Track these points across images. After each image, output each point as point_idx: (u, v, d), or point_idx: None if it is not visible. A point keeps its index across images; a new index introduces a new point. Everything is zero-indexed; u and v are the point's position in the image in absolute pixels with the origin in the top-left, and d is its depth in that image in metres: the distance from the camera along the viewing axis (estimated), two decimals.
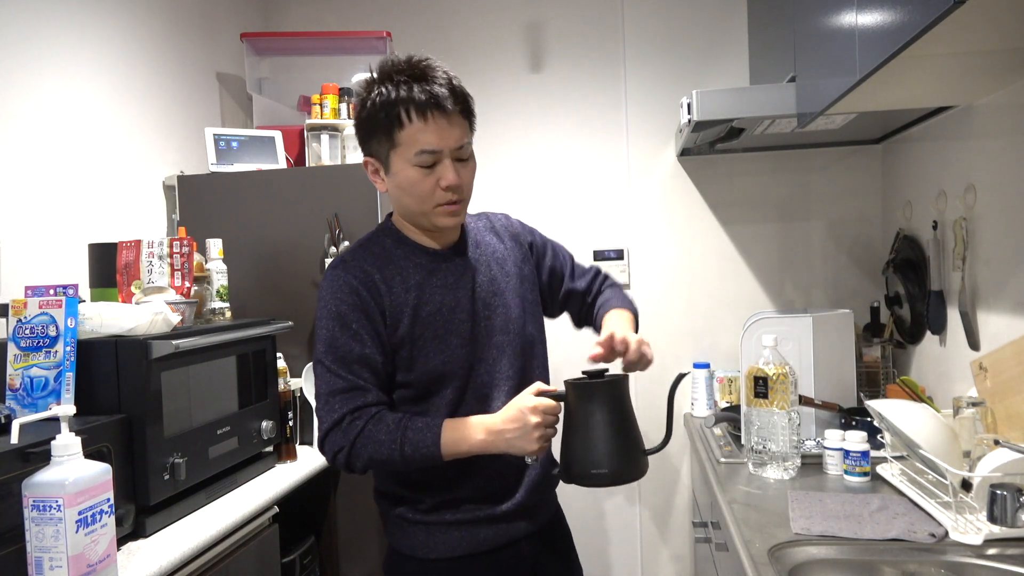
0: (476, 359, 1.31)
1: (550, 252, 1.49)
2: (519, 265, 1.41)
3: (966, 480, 1.40)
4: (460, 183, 1.25)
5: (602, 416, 1.17)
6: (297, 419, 2.10)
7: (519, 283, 1.39)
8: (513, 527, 1.34)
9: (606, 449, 1.16)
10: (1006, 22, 1.09)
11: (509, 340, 1.34)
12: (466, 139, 1.26)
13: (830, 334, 2.06)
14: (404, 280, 1.28)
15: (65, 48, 1.89)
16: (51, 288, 1.51)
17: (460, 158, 1.25)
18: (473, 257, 1.36)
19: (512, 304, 1.36)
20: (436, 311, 1.28)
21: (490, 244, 1.40)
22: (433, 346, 1.27)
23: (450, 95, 1.21)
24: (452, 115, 1.22)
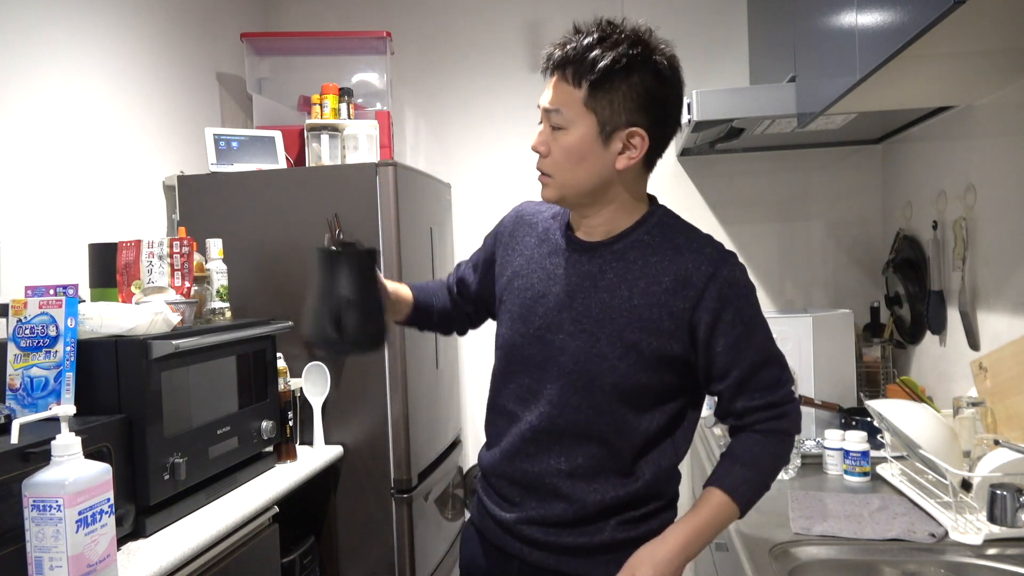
0: (530, 359, 1.21)
1: (727, 340, 1.14)
2: (655, 309, 1.14)
3: (966, 480, 1.40)
4: (538, 149, 1.17)
5: (322, 285, 1.23)
6: (297, 419, 2.10)
7: (636, 328, 1.14)
8: (509, 539, 1.24)
9: (315, 316, 1.21)
10: (1006, 22, 1.09)
11: (575, 371, 1.17)
12: (559, 102, 1.13)
13: (830, 334, 2.06)
14: (528, 240, 1.27)
15: (65, 48, 1.89)
16: (51, 288, 1.51)
17: (552, 124, 1.15)
18: (603, 264, 1.18)
19: (604, 340, 1.15)
20: (524, 288, 1.23)
21: (640, 263, 1.17)
22: (505, 317, 1.25)
23: (564, 53, 1.12)
24: (558, 72, 1.14)
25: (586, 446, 1.18)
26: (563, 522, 1.19)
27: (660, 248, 1.17)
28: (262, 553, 1.69)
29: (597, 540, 1.18)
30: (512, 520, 1.23)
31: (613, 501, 1.18)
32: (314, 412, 2.12)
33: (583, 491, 1.18)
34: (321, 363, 2.14)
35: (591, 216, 1.20)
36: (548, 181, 1.17)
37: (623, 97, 1.12)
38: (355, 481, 2.16)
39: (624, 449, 1.18)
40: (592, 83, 1.11)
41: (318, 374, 2.14)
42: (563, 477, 1.19)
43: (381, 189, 2.14)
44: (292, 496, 1.84)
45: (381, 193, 2.14)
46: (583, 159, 1.14)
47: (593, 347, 1.15)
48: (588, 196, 1.18)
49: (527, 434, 1.21)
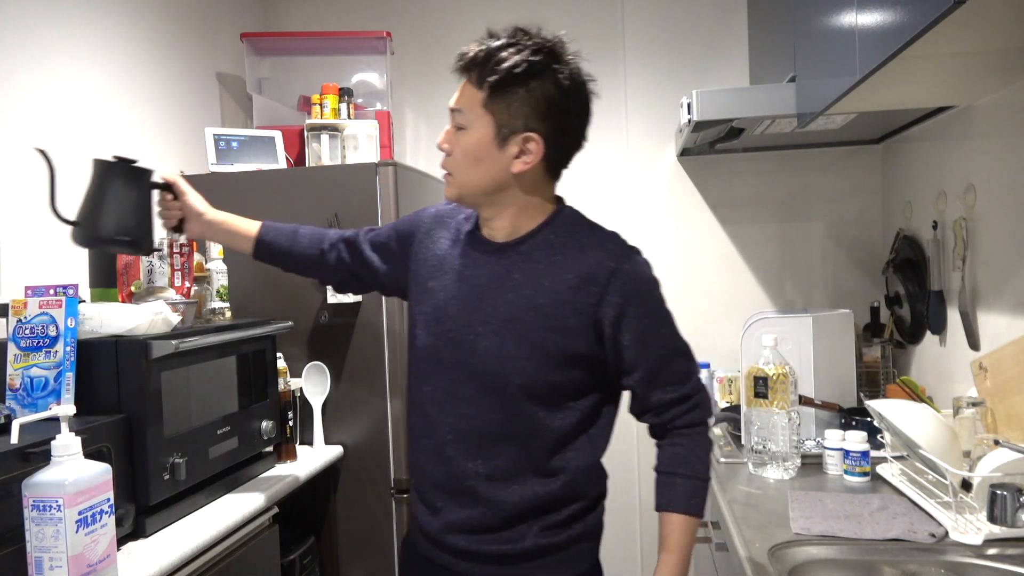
0: (444, 360, 1.22)
1: (632, 334, 1.17)
2: (560, 308, 1.16)
3: (966, 480, 1.40)
4: (442, 147, 1.19)
5: (94, 187, 1.42)
6: (297, 419, 2.10)
7: (543, 327, 1.16)
8: (436, 551, 1.24)
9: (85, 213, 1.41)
10: (1006, 22, 1.09)
11: (485, 373, 1.18)
12: (462, 103, 1.17)
13: (830, 334, 2.06)
14: (442, 243, 1.29)
15: (65, 48, 1.89)
16: (51, 288, 1.50)
17: (456, 124, 1.18)
18: (509, 265, 1.20)
19: (511, 340, 1.16)
20: (436, 290, 1.25)
21: (545, 263, 1.18)
22: (420, 320, 1.26)
23: (470, 56, 1.17)
24: (463, 73, 1.17)
25: (502, 447, 1.18)
26: (485, 527, 1.20)
27: (565, 247, 1.19)
28: (262, 553, 1.69)
29: (520, 548, 1.19)
30: (436, 529, 1.23)
31: (533, 502, 1.18)
32: (314, 412, 2.12)
33: (502, 493, 1.19)
34: (321, 363, 2.14)
35: (492, 218, 1.22)
36: (449, 180, 1.20)
37: (520, 102, 1.13)
38: (355, 481, 2.16)
39: (539, 449, 1.18)
40: (492, 86, 1.13)
41: (318, 374, 2.14)
42: (481, 480, 1.19)
43: (381, 189, 2.14)
44: (292, 496, 1.84)
45: (381, 193, 2.14)
46: (480, 160, 1.16)
47: (501, 348, 1.16)
48: (485, 197, 1.19)
49: (446, 436, 1.21)
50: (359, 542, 2.17)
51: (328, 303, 2.10)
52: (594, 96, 1.22)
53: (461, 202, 1.23)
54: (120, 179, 1.42)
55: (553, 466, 1.19)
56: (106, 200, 1.40)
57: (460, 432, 1.20)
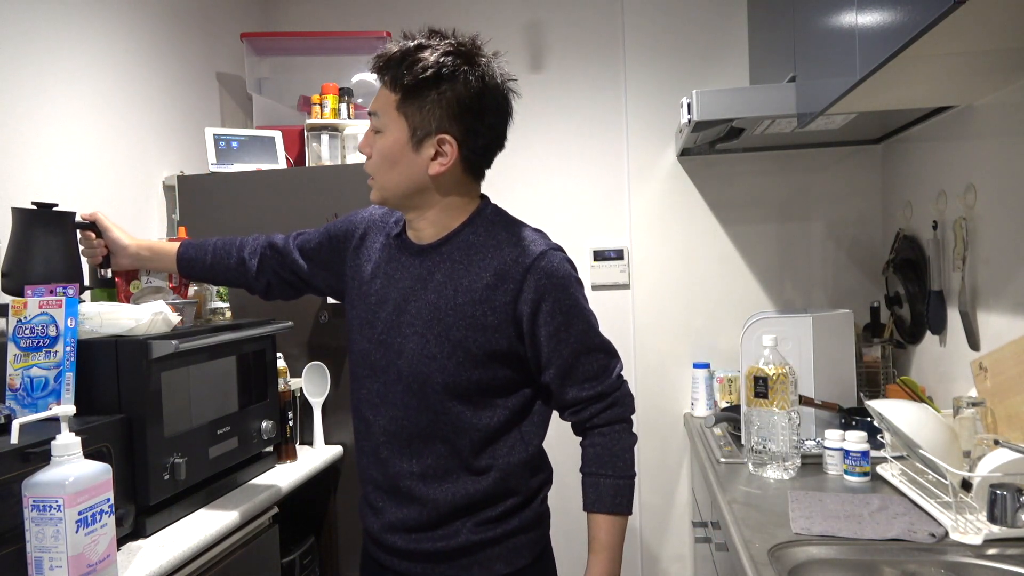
0: (375, 364, 1.24)
1: (547, 330, 1.18)
2: (478, 306, 1.17)
3: (966, 480, 1.40)
4: (360, 149, 1.22)
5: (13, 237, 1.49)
6: (297, 419, 2.10)
7: (463, 325, 1.17)
8: (380, 552, 1.27)
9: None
10: (1006, 22, 1.09)
11: (410, 373, 1.19)
12: (376, 107, 1.18)
13: (830, 334, 2.06)
14: (374, 248, 1.31)
15: (65, 48, 1.89)
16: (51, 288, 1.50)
17: (373, 128, 1.20)
18: (430, 268, 1.21)
19: (432, 340, 1.18)
20: (369, 294, 1.27)
21: (465, 263, 1.19)
22: (355, 324, 1.29)
23: (382, 59, 1.17)
24: (379, 77, 1.18)
25: (432, 446, 1.21)
26: (420, 526, 1.22)
27: (484, 246, 1.20)
28: (262, 553, 1.69)
29: (454, 544, 1.21)
30: (377, 529, 1.27)
31: (464, 500, 1.20)
32: (314, 412, 2.12)
33: (435, 491, 1.21)
34: (321, 363, 2.14)
35: (415, 219, 1.24)
36: (372, 183, 1.22)
37: (432, 104, 1.14)
38: (355, 481, 2.16)
39: (467, 447, 1.20)
40: (404, 88, 1.14)
41: (318, 374, 2.14)
42: (415, 479, 1.22)
43: None
44: (292, 496, 1.84)
45: None
46: (396, 163, 1.17)
47: (424, 348, 1.18)
48: (406, 199, 1.21)
49: (380, 438, 1.24)
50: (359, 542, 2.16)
51: (328, 303, 2.10)
52: (514, 95, 1.23)
53: (385, 204, 1.25)
54: (42, 225, 1.50)
55: (483, 464, 1.21)
56: (32, 247, 1.48)
57: (391, 433, 1.23)
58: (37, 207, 1.50)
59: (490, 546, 1.22)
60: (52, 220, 1.52)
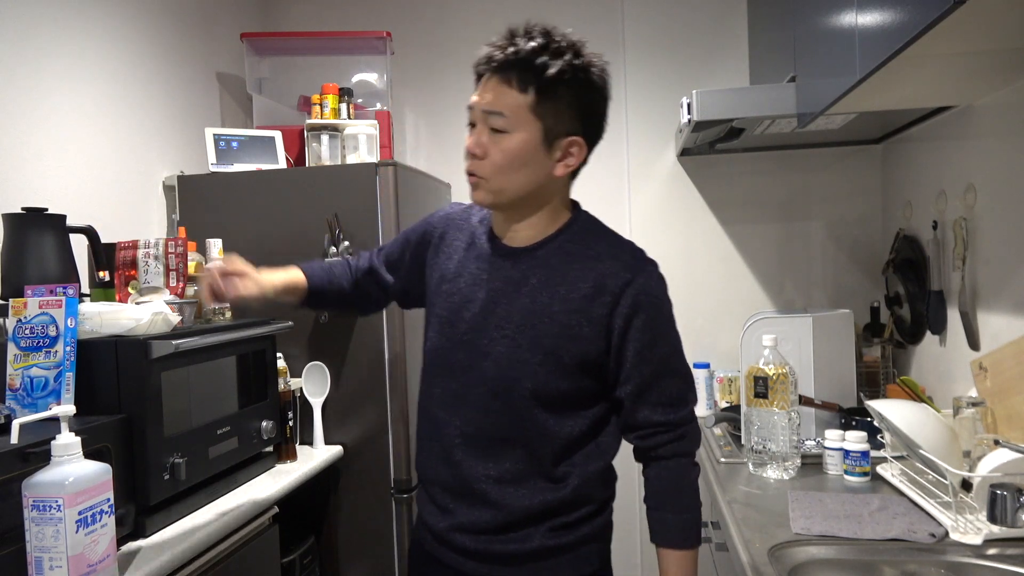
0: (456, 364, 1.21)
1: (634, 346, 1.16)
2: (573, 315, 1.15)
3: (966, 480, 1.40)
4: (474, 151, 1.14)
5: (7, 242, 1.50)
6: (297, 419, 2.10)
7: (555, 334, 1.15)
8: (444, 550, 1.24)
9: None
10: (1006, 22, 1.09)
11: (497, 377, 1.17)
12: (501, 104, 1.11)
13: (830, 334, 2.06)
14: (457, 246, 1.28)
15: (65, 48, 1.89)
16: (51, 288, 1.50)
17: (491, 127, 1.13)
18: (526, 270, 1.19)
19: (525, 346, 1.15)
20: (452, 292, 1.24)
21: (562, 270, 1.17)
22: (434, 322, 1.26)
23: (508, 57, 1.12)
24: (499, 74, 1.12)
25: (511, 451, 1.18)
26: (492, 529, 1.19)
27: (581, 255, 1.18)
28: (262, 553, 1.69)
29: (527, 547, 1.19)
30: (443, 528, 1.23)
31: (541, 507, 1.18)
32: (314, 412, 2.12)
33: (511, 496, 1.18)
34: (321, 363, 2.14)
35: (519, 221, 1.21)
36: (481, 184, 1.16)
37: (567, 106, 1.13)
38: (355, 481, 2.16)
39: (547, 455, 1.18)
40: (539, 90, 1.11)
41: (318, 374, 2.14)
42: (491, 483, 1.19)
43: (381, 189, 2.14)
44: (292, 496, 1.84)
45: (381, 193, 2.14)
46: (525, 164, 1.14)
47: (514, 352, 1.16)
48: (521, 201, 1.18)
49: (455, 439, 1.21)
50: (359, 542, 2.17)
51: None
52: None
53: (494, 207, 1.20)
54: (34, 228, 1.54)
55: (561, 471, 1.19)
56: (25, 250, 1.52)
57: (468, 436, 1.20)
58: (27, 211, 1.52)
59: (561, 552, 1.20)
60: (43, 223, 1.53)
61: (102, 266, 1.69)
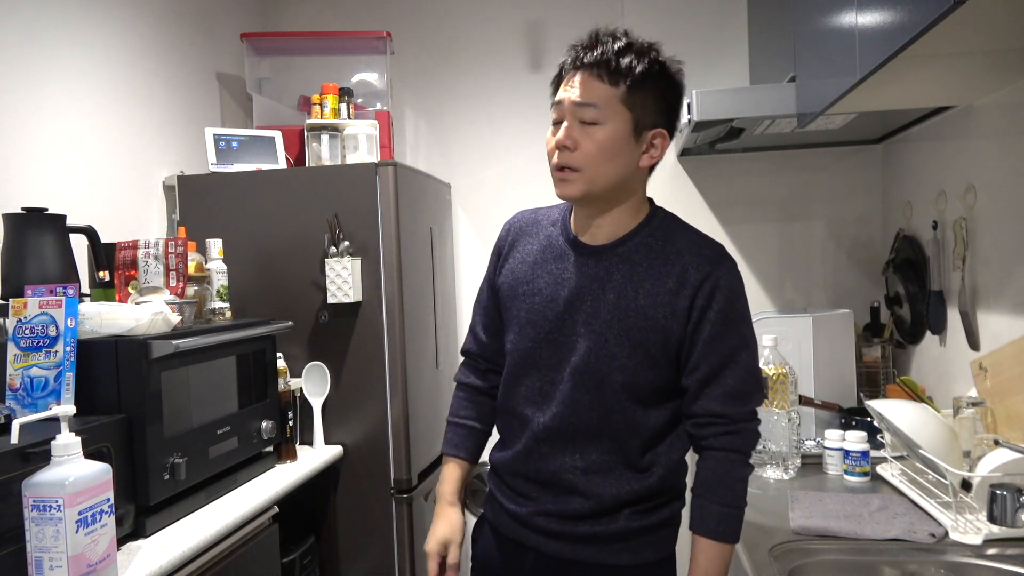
0: (541, 361, 1.25)
1: (705, 335, 1.19)
2: (659, 308, 1.18)
3: (966, 480, 1.40)
4: (565, 144, 1.16)
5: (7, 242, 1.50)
6: (297, 419, 2.10)
7: (642, 327, 1.18)
8: (525, 532, 1.27)
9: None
10: (1006, 22, 1.09)
11: (585, 371, 1.20)
12: (593, 98, 1.15)
13: (830, 334, 2.06)
14: (531, 247, 1.30)
15: (65, 48, 1.89)
16: (51, 288, 1.50)
17: (582, 119, 1.16)
18: (610, 266, 1.22)
19: (612, 339, 1.19)
20: (532, 293, 1.26)
21: (645, 265, 1.21)
22: (513, 323, 1.29)
23: (597, 54, 1.17)
24: (589, 71, 1.16)
25: (599, 443, 1.22)
26: (579, 515, 1.23)
27: (663, 251, 1.21)
28: (262, 553, 1.69)
29: (612, 529, 1.22)
30: (528, 513, 1.26)
31: (628, 496, 1.21)
32: (314, 412, 2.12)
33: (599, 486, 1.21)
34: (321, 363, 2.14)
35: (601, 216, 1.23)
36: (574, 176, 1.18)
37: (653, 99, 1.18)
38: (355, 481, 2.16)
39: (634, 445, 1.21)
40: (631, 83, 1.16)
41: (318, 374, 2.14)
42: (579, 474, 1.22)
43: (381, 189, 2.14)
44: (292, 496, 1.84)
45: (381, 193, 2.14)
46: (616, 154, 1.17)
47: (603, 347, 1.19)
48: (611, 191, 1.21)
49: (540, 435, 1.24)
50: (359, 542, 2.17)
51: (328, 303, 2.10)
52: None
53: (585, 198, 1.21)
54: (34, 228, 1.54)
55: (647, 461, 1.22)
56: (25, 250, 1.52)
57: (553, 430, 1.23)
58: (27, 211, 1.52)
59: (645, 534, 1.23)
60: (43, 223, 1.53)
61: (102, 266, 1.69)
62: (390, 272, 2.14)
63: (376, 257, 2.14)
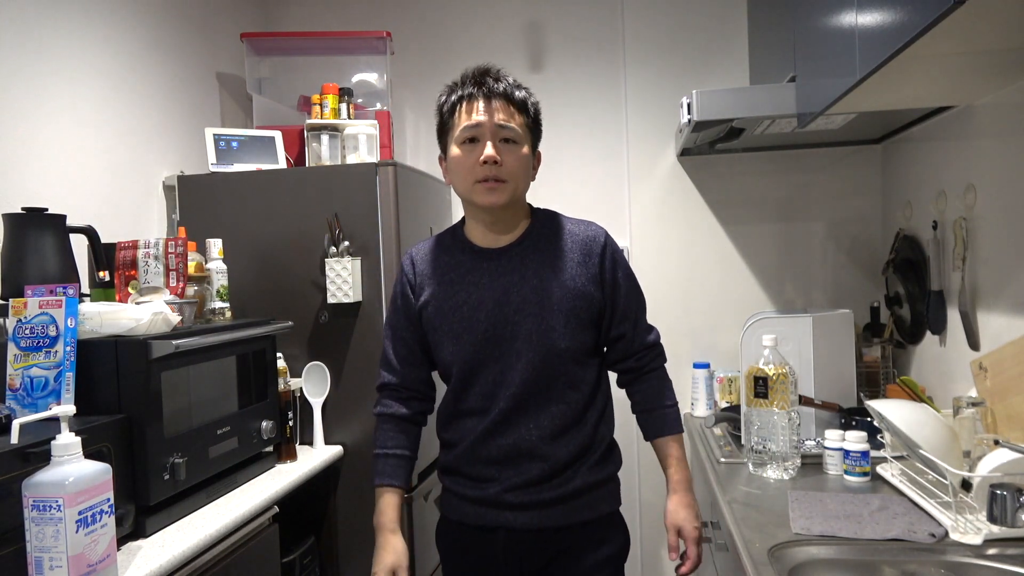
0: (487, 359, 1.40)
1: (623, 290, 1.46)
2: (577, 280, 1.41)
3: (966, 480, 1.40)
4: (497, 158, 1.34)
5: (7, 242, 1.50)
6: (297, 419, 2.10)
7: (570, 297, 1.39)
8: (493, 513, 1.41)
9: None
10: (1006, 22, 1.09)
11: (531, 348, 1.38)
12: (511, 122, 1.36)
13: (830, 334, 2.06)
14: (440, 272, 1.45)
15: (65, 48, 1.89)
16: (51, 288, 1.50)
17: (504, 138, 1.36)
18: (521, 260, 1.41)
19: (548, 315, 1.38)
20: (458, 306, 1.41)
21: (550, 251, 1.42)
22: (447, 339, 1.42)
23: (499, 88, 1.37)
24: (497, 99, 1.36)
25: (547, 408, 1.40)
26: (541, 479, 1.39)
27: (558, 233, 1.45)
28: (262, 553, 1.69)
29: (572, 487, 1.40)
30: (495, 493, 1.40)
31: (578, 450, 1.41)
32: (314, 412, 2.12)
33: (555, 448, 1.39)
34: (321, 363, 2.14)
35: (507, 222, 1.43)
36: (503, 187, 1.37)
37: (534, 126, 1.44)
38: (355, 481, 2.16)
39: (578, 402, 1.42)
40: (532, 113, 1.42)
41: (318, 374, 2.14)
42: (536, 441, 1.39)
43: (381, 189, 2.14)
44: (292, 496, 1.84)
45: (381, 193, 2.14)
46: (527, 169, 1.41)
47: (542, 324, 1.38)
48: (517, 203, 1.43)
49: (497, 417, 1.40)
50: (359, 542, 2.17)
51: (328, 303, 2.10)
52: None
53: (508, 206, 1.39)
54: (34, 228, 1.55)
55: (588, 414, 1.43)
56: (25, 250, 1.53)
57: (509, 410, 1.39)
58: (27, 211, 1.52)
59: (597, 488, 1.44)
60: (43, 223, 1.54)
61: (102, 266, 1.69)
62: (390, 272, 2.14)
63: (376, 257, 2.14)
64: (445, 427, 1.49)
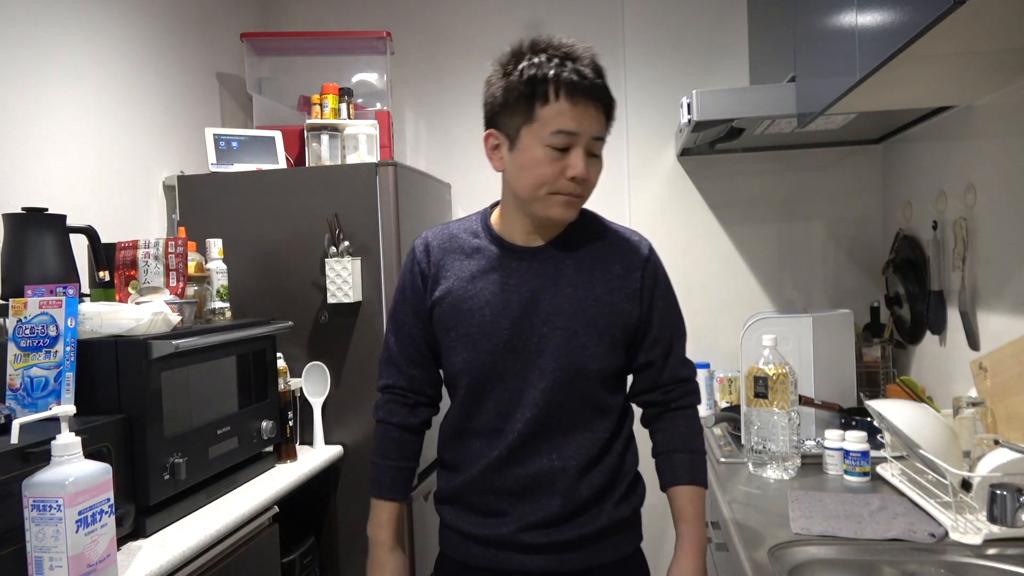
0: (505, 372, 1.22)
1: (659, 312, 1.27)
2: (615, 293, 1.23)
3: (966, 480, 1.40)
4: (587, 177, 1.17)
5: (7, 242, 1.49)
6: (297, 419, 2.10)
7: (607, 313, 1.22)
8: (504, 555, 1.24)
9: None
10: (1006, 22, 1.09)
11: (559, 367, 1.20)
12: (604, 133, 1.19)
13: (830, 334, 2.06)
14: (460, 264, 1.26)
15: (65, 48, 1.89)
16: (51, 288, 1.50)
17: (593, 152, 1.18)
18: (556, 264, 1.23)
19: (581, 330, 1.20)
20: (479, 307, 1.22)
21: (589, 258, 1.25)
22: (461, 344, 1.24)
23: (599, 85, 1.18)
24: (597, 105, 1.17)
25: (573, 436, 1.23)
26: (562, 517, 1.22)
27: (599, 242, 1.28)
28: (262, 553, 1.69)
29: (596, 526, 1.23)
30: (509, 532, 1.23)
31: (603, 483, 1.24)
32: (314, 412, 2.12)
33: (579, 482, 1.22)
34: (321, 363, 2.14)
35: (558, 224, 1.24)
36: (580, 203, 1.21)
37: None
38: (355, 481, 2.16)
39: (605, 430, 1.25)
40: (611, 110, 1.22)
41: (318, 374, 2.14)
42: (557, 472, 1.22)
43: (381, 189, 2.14)
44: (292, 496, 1.84)
45: (381, 193, 2.14)
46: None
47: (573, 340, 1.21)
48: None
49: (514, 443, 1.22)
50: (359, 542, 2.16)
51: (328, 303, 2.10)
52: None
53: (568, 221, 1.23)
54: (34, 228, 1.54)
55: (615, 444, 1.27)
56: (25, 250, 1.52)
57: (531, 434, 1.22)
58: (27, 211, 1.52)
59: (625, 527, 1.27)
60: (43, 223, 1.54)
61: (102, 266, 1.69)
62: (390, 272, 2.14)
63: (376, 257, 2.14)
64: (447, 446, 1.32)
